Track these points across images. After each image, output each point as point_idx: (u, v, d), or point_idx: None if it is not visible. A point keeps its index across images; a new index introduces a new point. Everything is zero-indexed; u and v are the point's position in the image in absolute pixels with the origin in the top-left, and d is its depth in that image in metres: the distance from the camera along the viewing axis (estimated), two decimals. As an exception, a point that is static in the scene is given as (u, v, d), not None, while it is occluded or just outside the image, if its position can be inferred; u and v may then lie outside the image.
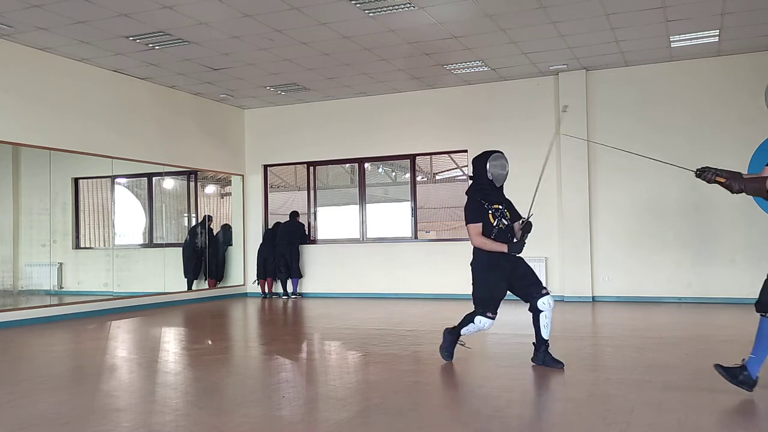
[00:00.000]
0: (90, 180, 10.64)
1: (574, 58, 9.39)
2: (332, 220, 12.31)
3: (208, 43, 8.44)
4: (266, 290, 11.70)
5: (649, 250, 9.73)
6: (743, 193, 4.13)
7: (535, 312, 5.01)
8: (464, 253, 8.07)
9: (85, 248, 10.78)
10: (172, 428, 3.61)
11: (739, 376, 4.02)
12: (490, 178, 5.16)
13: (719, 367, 4.13)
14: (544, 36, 8.39)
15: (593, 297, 9.92)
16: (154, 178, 11.15)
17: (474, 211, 5.11)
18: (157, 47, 8.56)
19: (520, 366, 5.17)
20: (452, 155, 11.20)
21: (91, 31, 7.91)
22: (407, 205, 11.48)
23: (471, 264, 5.17)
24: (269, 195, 12.60)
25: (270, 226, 12.14)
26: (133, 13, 7.36)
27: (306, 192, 12.31)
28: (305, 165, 12.31)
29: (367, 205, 11.81)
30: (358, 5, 7.24)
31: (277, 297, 11.67)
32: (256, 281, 11.85)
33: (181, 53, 8.85)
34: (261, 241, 11.87)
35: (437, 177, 12.01)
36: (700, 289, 9.45)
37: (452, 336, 5.25)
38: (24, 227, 9.28)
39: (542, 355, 5.01)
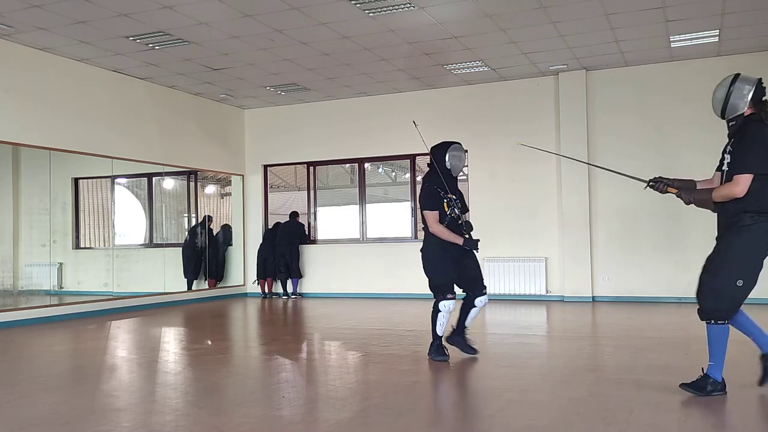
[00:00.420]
0: (90, 180, 10.64)
1: (574, 58, 9.39)
2: (332, 220, 12.31)
3: (208, 43, 8.44)
4: (266, 290, 11.70)
5: (649, 250, 9.73)
6: (693, 205, 4.11)
7: (470, 305, 5.36)
8: (464, 253, 8.07)
9: (85, 248, 10.79)
10: (172, 428, 3.61)
11: (706, 387, 3.95)
12: (448, 168, 5.35)
13: (684, 386, 4.06)
14: (544, 36, 8.40)
15: (593, 297, 9.92)
16: (154, 178, 11.15)
17: (431, 199, 5.29)
18: (157, 47, 8.56)
19: (520, 366, 5.18)
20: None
21: (91, 31, 7.91)
22: (407, 205, 11.48)
23: (421, 250, 5.42)
24: (269, 195, 12.60)
25: (270, 226, 12.14)
26: (133, 13, 7.36)
27: (306, 192, 12.31)
28: (305, 165, 12.31)
29: (367, 205, 11.81)
30: (358, 5, 7.24)
31: (277, 297, 11.67)
32: (256, 281, 11.85)
33: (181, 53, 8.85)
34: (261, 241, 11.87)
35: (437, 177, 11.99)
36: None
37: (436, 343, 5.34)
38: (24, 227, 9.29)
39: (462, 339, 5.43)
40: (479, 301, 5.34)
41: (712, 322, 3.93)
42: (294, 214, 11.84)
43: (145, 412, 4.05)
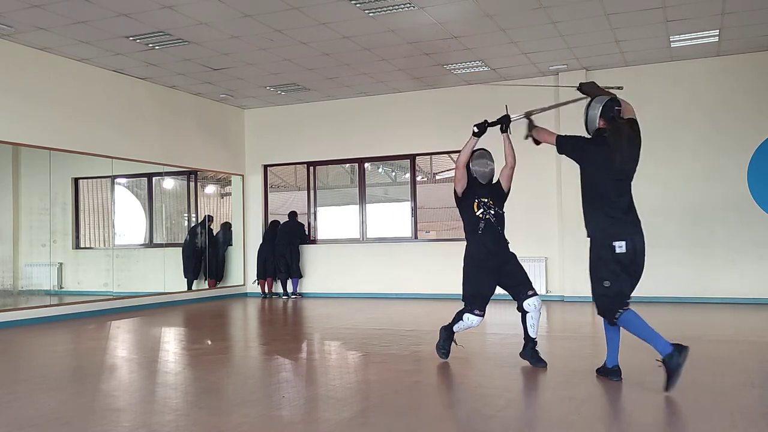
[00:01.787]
0: (90, 180, 10.64)
1: (574, 58, 9.38)
2: (332, 220, 12.31)
3: (208, 43, 8.44)
4: (266, 290, 11.70)
5: (649, 250, 9.65)
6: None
7: (522, 312, 5.09)
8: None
9: (85, 248, 10.78)
10: (172, 428, 3.61)
11: (611, 374, 4.40)
12: (475, 176, 5.29)
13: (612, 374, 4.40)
14: (544, 36, 8.40)
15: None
16: (154, 178, 11.15)
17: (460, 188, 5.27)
18: (157, 47, 8.56)
19: (520, 366, 5.17)
20: (452, 155, 11.18)
21: (91, 31, 7.91)
22: (407, 205, 11.48)
23: (464, 259, 5.24)
24: (269, 195, 12.59)
25: (268, 225, 12.12)
26: (133, 13, 7.36)
27: (306, 192, 12.31)
28: (305, 165, 12.31)
29: (367, 205, 11.81)
30: (358, 5, 7.24)
31: (277, 297, 11.67)
32: (256, 281, 11.85)
33: (181, 53, 8.85)
34: (261, 241, 11.87)
35: (437, 177, 12.01)
36: (700, 289, 9.45)
37: (447, 332, 5.30)
38: (24, 227, 9.28)
39: (529, 351, 5.10)
40: (527, 304, 5.00)
41: (617, 318, 4.31)
42: (293, 214, 11.84)
43: (145, 412, 4.05)
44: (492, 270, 5.07)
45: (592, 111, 4.68)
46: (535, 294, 5.08)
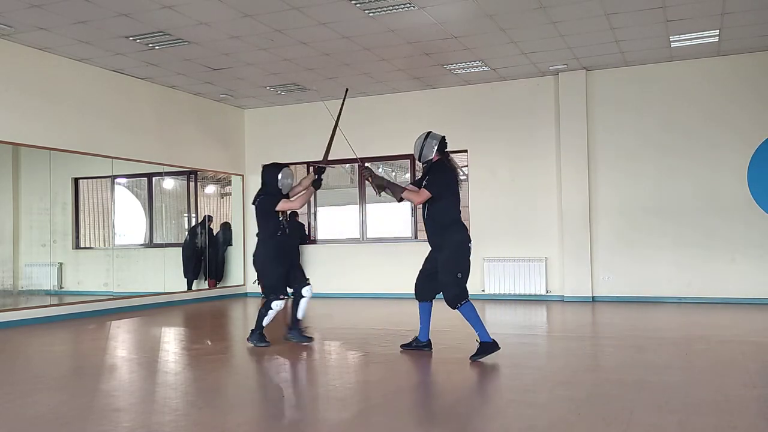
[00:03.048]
0: (90, 180, 10.63)
1: (574, 58, 9.38)
2: (332, 220, 12.31)
3: (208, 43, 8.44)
4: (266, 290, 11.69)
5: (649, 250, 9.72)
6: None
7: (299, 296, 6.25)
8: (464, 253, 8.06)
9: (85, 248, 10.78)
10: (172, 428, 3.61)
11: (488, 349, 5.19)
12: (280, 187, 6.20)
13: (474, 357, 5.17)
14: (544, 36, 8.39)
15: (593, 297, 9.92)
16: (154, 178, 11.15)
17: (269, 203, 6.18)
18: (157, 47, 8.56)
19: (520, 366, 5.18)
20: (452, 155, 11.18)
21: (91, 31, 7.91)
22: (407, 205, 11.47)
23: (254, 255, 6.23)
24: (269, 195, 12.57)
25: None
26: (133, 13, 7.36)
27: (306, 192, 12.29)
28: (305, 165, 12.30)
29: (367, 205, 11.81)
30: (358, 5, 7.24)
31: (277, 297, 11.66)
32: (256, 281, 11.83)
33: (181, 53, 8.85)
34: (261, 241, 11.85)
35: (437, 177, 11.98)
36: (700, 289, 9.45)
37: (257, 332, 6.16)
38: (24, 227, 9.28)
39: (297, 332, 6.33)
40: (305, 290, 6.28)
41: (460, 305, 5.22)
42: (293, 215, 11.83)
43: (145, 412, 4.05)
44: (284, 261, 6.24)
45: (428, 147, 5.55)
46: (310, 284, 6.39)
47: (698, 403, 3.90)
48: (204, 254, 11.77)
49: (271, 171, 6.23)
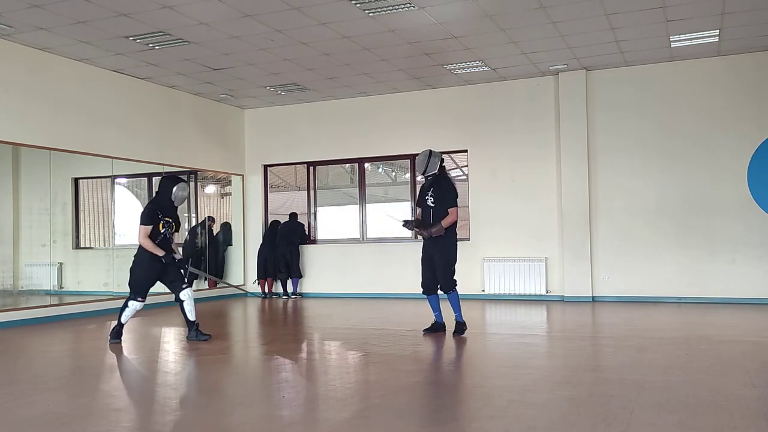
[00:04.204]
0: (90, 180, 10.63)
1: (574, 58, 9.38)
2: (332, 220, 12.31)
3: (208, 43, 8.44)
4: (266, 290, 11.70)
5: (649, 250, 9.72)
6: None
7: (178, 300, 6.50)
8: (464, 253, 8.07)
9: (85, 248, 10.78)
10: (172, 428, 3.61)
11: (464, 327, 6.57)
12: (173, 199, 6.46)
13: (456, 334, 6.52)
14: (544, 36, 8.39)
15: (593, 297, 9.92)
16: (154, 178, 11.14)
17: (149, 216, 6.38)
18: (157, 47, 8.56)
19: (520, 366, 5.18)
20: (452, 155, 11.19)
21: (91, 31, 7.91)
22: (407, 205, 11.48)
23: (135, 256, 6.51)
24: (269, 195, 12.59)
25: (268, 225, 12.11)
26: (133, 13, 7.36)
27: (306, 192, 12.31)
28: (305, 165, 12.31)
29: (367, 205, 11.81)
30: (358, 5, 7.24)
31: (277, 297, 11.67)
32: (257, 281, 11.85)
33: (181, 53, 8.85)
34: (261, 241, 11.87)
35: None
36: (700, 289, 9.45)
37: (117, 328, 6.50)
38: (24, 227, 9.28)
39: (194, 332, 6.60)
40: (183, 294, 6.49)
41: (451, 291, 6.50)
42: (293, 215, 11.84)
43: (145, 412, 4.05)
44: (156, 268, 6.46)
45: (434, 162, 6.62)
46: (189, 286, 6.59)
47: (698, 403, 3.90)
48: (204, 254, 11.76)
49: (166, 183, 6.55)
